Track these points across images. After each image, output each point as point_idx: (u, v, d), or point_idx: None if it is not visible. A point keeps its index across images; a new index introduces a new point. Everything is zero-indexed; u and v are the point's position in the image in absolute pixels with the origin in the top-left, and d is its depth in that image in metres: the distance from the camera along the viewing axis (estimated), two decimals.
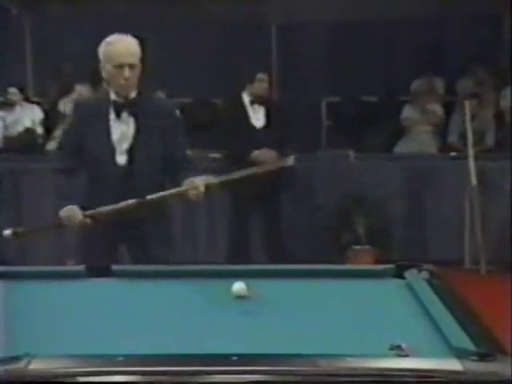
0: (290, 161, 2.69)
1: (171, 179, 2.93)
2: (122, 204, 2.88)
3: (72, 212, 2.92)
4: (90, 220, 2.91)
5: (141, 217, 2.92)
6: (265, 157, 4.89)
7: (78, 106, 3.21)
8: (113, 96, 2.99)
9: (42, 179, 5.64)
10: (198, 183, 2.82)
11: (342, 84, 7.13)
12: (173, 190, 2.88)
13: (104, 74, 2.99)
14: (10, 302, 2.30)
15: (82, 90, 6.45)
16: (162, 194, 2.89)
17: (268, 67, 7.01)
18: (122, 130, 2.96)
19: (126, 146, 2.96)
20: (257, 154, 4.92)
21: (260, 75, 5.04)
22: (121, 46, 2.96)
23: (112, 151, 2.95)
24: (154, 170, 2.95)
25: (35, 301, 2.34)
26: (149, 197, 2.88)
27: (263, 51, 7.16)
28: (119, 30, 3.03)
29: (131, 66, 2.94)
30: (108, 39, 3.00)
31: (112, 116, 2.97)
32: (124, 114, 2.96)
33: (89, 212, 2.90)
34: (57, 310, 2.26)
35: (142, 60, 3.00)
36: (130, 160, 2.96)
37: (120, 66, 2.92)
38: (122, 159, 2.96)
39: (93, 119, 2.98)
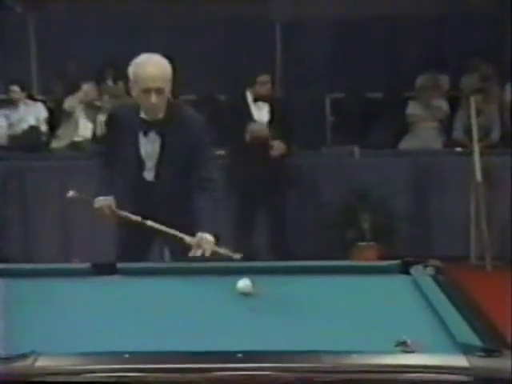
0: (237, 256, 2.65)
1: (193, 197, 2.88)
2: (132, 216, 2.96)
3: (108, 202, 3.02)
4: (116, 217, 3.00)
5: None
6: (259, 130, 4.91)
7: (111, 117, 3.13)
8: (142, 113, 2.95)
9: (46, 177, 5.66)
10: (205, 246, 2.72)
11: (346, 80, 7.12)
12: (184, 236, 2.80)
13: (133, 93, 2.93)
14: (16, 299, 2.30)
15: (88, 90, 6.45)
16: (172, 231, 2.84)
17: (272, 65, 7.02)
18: (148, 148, 2.97)
19: (152, 162, 2.98)
20: (252, 126, 4.93)
21: (261, 78, 5.03)
22: (149, 70, 2.86)
23: (140, 166, 2.99)
24: (178, 187, 2.94)
25: (41, 298, 2.35)
26: (158, 226, 2.89)
27: (268, 48, 7.15)
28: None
29: (159, 91, 2.86)
30: (137, 60, 2.92)
31: (141, 133, 2.96)
32: (151, 134, 2.95)
33: (117, 210, 3.01)
34: (62, 308, 2.27)
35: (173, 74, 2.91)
36: (156, 176, 2.99)
37: (147, 90, 2.85)
38: (149, 175, 3.00)
39: (124, 133, 2.98)
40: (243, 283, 2.41)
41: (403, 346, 1.76)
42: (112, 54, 7.17)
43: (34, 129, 6.29)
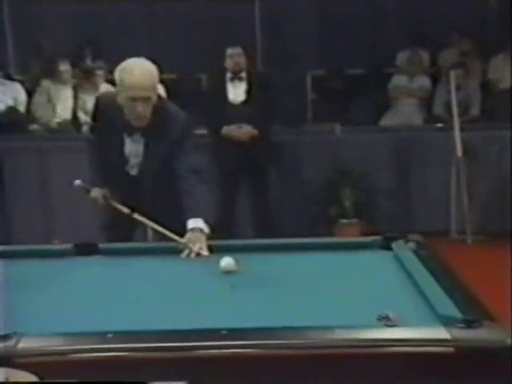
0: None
1: (179, 186, 2.86)
2: (123, 208, 2.98)
3: (102, 193, 3.06)
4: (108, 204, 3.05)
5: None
6: (236, 132, 4.89)
7: (98, 109, 3.06)
8: (127, 115, 2.90)
9: (25, 158, 5.60)
10: (193, 246, 2.63)
11: (327, 57, 7.09)
12: (171, 235, 2.74)
13: (118, 99, 2.86)
14: None
15: (63, 69, 6.34)
16: (161, 229, 2.80)
17: (252, 42, 6.97)
18: (133, 148, 2.96)
19: (136, 160, 2.98)
20: (226, 129, 4.91)
21: (230, 51, 4.96)
22: (137, 79, 2.77)
23: (124, 162, 2.99)
24: (162, 180, 2.93)
25: (23, 280, 2.33)
26: (145, 221, 2.89)
27: (247, 24, 7.09)
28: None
29: (146, 99, 2.80)
30: (124, 64, 2.83)
31: (125, 134, 2.94)
32: (136, 135, 2.93)
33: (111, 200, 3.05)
34: (44, 289, 2.26)
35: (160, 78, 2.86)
36: (140, 172, 2.99)
37: (134, 99, 2.79)
38: (132, 170, 3.00)
39: (109, 129, 2.94)
40: (226, 261, 2.42)
41: (385, 320, 1.78)
42: (91, 31, 7.09)
43: (12, 109, 6.20)
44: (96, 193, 3.06)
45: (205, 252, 2.61)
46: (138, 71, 2.80)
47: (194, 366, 1.65)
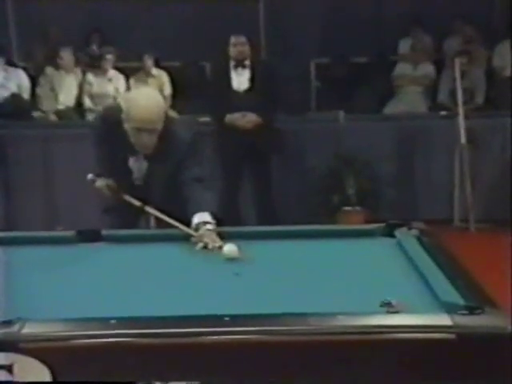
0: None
1: (182, 197, 2.83)
2: (134, 201, 2.97)
3: (107, 182, 3.03)
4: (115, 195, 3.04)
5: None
6: (239, 120, 4.88)
7: (104, 117, 3.07)
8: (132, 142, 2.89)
9: (29, 145, 5.60)
10: (203, 239, 2.58)
11: (331, 45, 7.06)
12: (183, 227, 2.70)
13: (125, 125, 2.85)
14: (1, 267, 2.29)
15: (64, 55, 6.31)
16: (173, 221, 2.76)
17: (257, 30, 6.94)
18: (136, 165, 2.97)
19: (140, 174, 2.98)
20: (230, 117, 4.90)
21: (233, 39, 4.95)
22: (143, 111, 2.76)
23: (128, 173, 2.99)
24: (168, 189, 2.92)
25: (27, 266, 2.34)
26: (159, 214, 2.86)
27: (251, 12, 7.06)
28: None
29: (152, 130, 2.80)
30: (132, 96, 2.81)
31: (129, 154, 2.94)
32: (139, 157, 2.94)
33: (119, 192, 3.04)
34: (48, 275, 2.26)
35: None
36: (144, 183, 2.99)
37: (140, 129, 2.80)
38: (137, 181, 3.01)
39: (114, 143, 2.93)
40: (229, 248, 2.42)
41: (388, 307, 1.78)
42: (96, 18, 7.07)
43: (16, 97, 6.20)
44: (101, 182, 3.04)
45: (219, 243, 2.56)
46: (144, 103, 2.79)
47: (197, 352, 1.65)
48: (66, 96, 6.37)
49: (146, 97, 2.86)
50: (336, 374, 1.65)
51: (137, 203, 2.96)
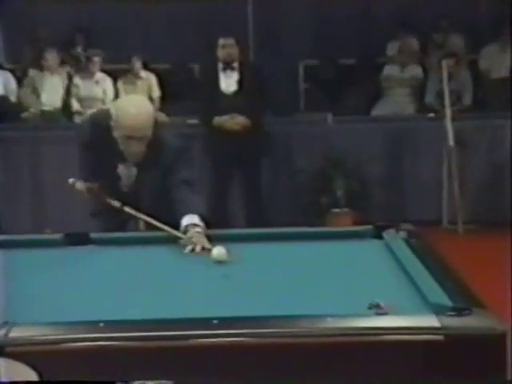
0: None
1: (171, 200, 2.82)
2: (112, 201, 2.95)
3: (87, 185, 3.00)
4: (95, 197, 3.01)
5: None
6: (228, 122, 4.88)
7: (92, 122, 3.04)
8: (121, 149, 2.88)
9: (16, 147, 5.57)
10: (194, 241, 2.57)
11: (320, 47, 7.08)
12: (171, 230, 2.69)
13: (114, 133, 2.84)
14: None
15: (48, 57, 6.28)
16: (159, 224, 2.75)
17: (245, 31, 6.94)
18: (125, 171, 2.97)
19: (129, 181, 2.98)
20: (218, 119, 4.90)
21: (222, 41, 4.95)
22: (131, 118, 2.76)
23: (116, 180, 2.98)
24: (158, 194, 2.92)
25: (14, 269, 2.33)
26: (138, 214, 2.87)
27: (240, 14, 7.07)
28: None
29: (141, 138, 2.80)
30: (120, 102, 2.81)
31: (118, 161, 2.93)
32: (128, 164, 2.94)
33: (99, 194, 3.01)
34: (36, 279, 2.25)
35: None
36: (134, 190, 2.98)
37: (130, 137, 2.80)
38: (125, 187, 3.00)
39: (103, 151, 2.91)
40: (218, 251, 2.42)
41: (376, 309, 1.78)
42: (83, 20, 7.05)
43: (3, 98, 6.17)
44: (80, 185, 3.01)
45: (208, 245, 2.56)
46: (134, 110, 2.79)
47: (186, 355, 1.65)
48: (50, 96, 6.32)
49: (135, 104, 2.85)
50: (324, 376, 1.65)
51: (116, 204, 2.93)
